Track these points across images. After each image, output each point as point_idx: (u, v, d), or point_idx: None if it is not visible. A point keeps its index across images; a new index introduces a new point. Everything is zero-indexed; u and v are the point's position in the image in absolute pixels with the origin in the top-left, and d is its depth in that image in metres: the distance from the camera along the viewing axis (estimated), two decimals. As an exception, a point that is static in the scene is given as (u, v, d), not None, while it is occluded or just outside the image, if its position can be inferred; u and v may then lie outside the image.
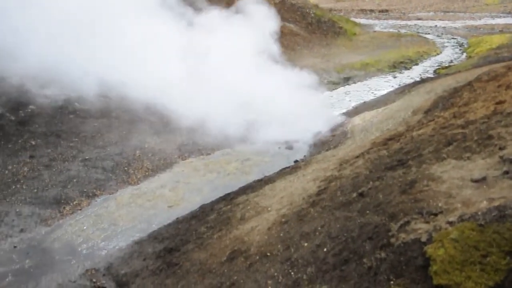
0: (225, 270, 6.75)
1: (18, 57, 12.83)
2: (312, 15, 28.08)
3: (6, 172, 10.55)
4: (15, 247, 8.51)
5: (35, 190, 10.15)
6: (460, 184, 5.94)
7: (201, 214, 9.13)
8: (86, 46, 13.82)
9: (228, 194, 9.89)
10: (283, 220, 7.40)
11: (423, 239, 5.07)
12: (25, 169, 10.77)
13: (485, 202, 5.19)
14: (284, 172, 10.49)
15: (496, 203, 5.02)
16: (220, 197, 9.84)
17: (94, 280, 7.66)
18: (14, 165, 10.80)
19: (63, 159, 11.39)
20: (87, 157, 11.61)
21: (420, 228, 5.31)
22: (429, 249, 4.84)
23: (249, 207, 8.61)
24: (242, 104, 13.82)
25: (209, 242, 7.78)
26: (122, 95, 13.78)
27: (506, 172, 5.77)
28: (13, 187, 10.15)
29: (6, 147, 11.30)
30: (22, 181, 10.38)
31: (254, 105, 13.83)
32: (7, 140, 11.50)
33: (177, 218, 9.27)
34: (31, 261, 8.17)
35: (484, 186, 5.65)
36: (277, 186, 9.37)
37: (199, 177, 11.26)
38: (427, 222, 5.35)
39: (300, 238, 6.60)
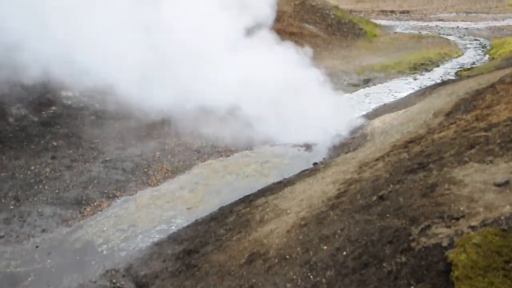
0: (244, 273, 6.76)
1: (40, 58, 13.01)
2: (332, 16, 27.99)
3: (29, 172, 10.73)
4: (37, 247, 8.64)
5: (57, 191, 10.30)
6: (483, 188, 5.86)
7: (220, 216, 9.16)
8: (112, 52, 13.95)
9: (247, 196, 9.89)
10: (302, 223, 7.39)
11: (445, 243, 5.01)
12: (47, 169, 10.95)
13: (508, 206, 5.12)
14: (303, 175, 10.46)
15: (520, 208, 4.95)
16: (239, 199, 9.84)
17: (114, 281, 7.74)
18: (37, 166, 10.98)
19: (84, 160, 11.54)
20: (107, 158, 11.74)
21: (442, 232, 5.25)
22: (451, 254, 4.78)
23: (268, 210, 8.61)
24: (260, 105, 13.80)
25: (228, 244, 7.80)
26: (143, 96, 13.91)
27: (530, 176, 5.69)
28: (36, 187, 10.31)
29: (28, 147, 11.50)
30: (44, 181, 10.55)
31: (272, 106, 13.80)
32: (30, 141, 11.71)
33: (196, 220, 9.30)
34: (52, 261, 8.29)
35: (507, 190, 5.56)
36: (296, 189, 9.35)
37: (218, 179, 11.30)
38: (449, 227, 5.29)
39: (320, 241, 6.59)
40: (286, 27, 22.28)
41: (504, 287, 4.18)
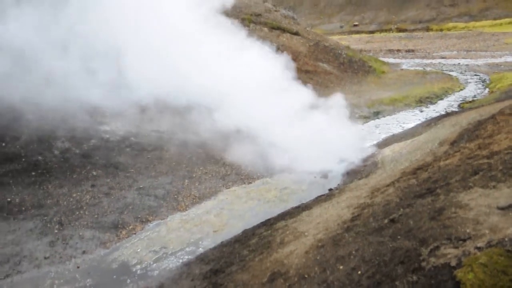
0: (266, 291, 6.73)
1: (81, 96, 13.43)
2: (344, 55, 28.19)
3: (71, 199, 10.91)
4: (78, 267, 8.73)
5: (96, 216, 10.43)
6: (487, 211, 5.80)
7: (244, 238, 9.16)
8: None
9: (268, 220, 9.89)
10: (319, 244, 7.36)
11: (453, 263, 4.95)
12: (87, 197, 11.11)
13: (511, 228, 5.05)
14: (319, 200, 10.44)
15: (522, 230, 4.89)
16: (261, 223, 9.84)
17: (147, 298, 7.78)
18: (78, 193, 11.16)
19: (120, 188, 11.69)
20: (141, 186, 11.87)
21: (450, 253, 5.19)
22: (459, 273, 4.72)
23: (287, 232, 8.59)
24: (281, 136, 13.88)
25: (251, 264, 7.78)
26: (172, 130, 14.14)
27: (532, 200, 5.61)
28: (77, 213, 10.46)
29: (71, 177, 11.72)
30: (84, 207, 10.69)
31: (292, 137, 13.86)
32: (72, 171, 11.93)
33: (221, 242, 9.31)
34: (92, 280, 8.35)
35: (510, 213, 5.50)
36: (313, 213, 9.33)
37: (241, 204, 11.33)
38: (456, 247, 5.23)
39: (336, 261, 6.54)
40: (302, 66, 22.48)
41: (510, 304, 4.11)
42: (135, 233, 9.98)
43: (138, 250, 9.31)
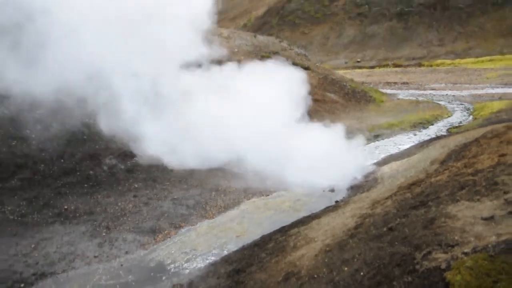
0: (281, 288, 6.72)
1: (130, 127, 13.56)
2: (348, 87, 28.19)
3: (116, 207, 11.08)
4: (121, 265, 8.82)
5: (137, 222, 10.55)
6: (472, 221, 5.74)
7: (262, 242, 9.16)
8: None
9: (283, 227, 9.86)
10: (327, 248, 7.34)
11: (443, 266, 4.91)
12: (130, 205, 11.26)
13: (494, 236, 5.00)
14: (327, 210, 10.40)
15: (503, 238, 4.82)
16: (277, 229, 9.82)
17: (179, 293, 7.80)
18: (122, 202, 11.33)
19: (158, 198, 11.81)
20: (175, 197, 11.98)
21: (440, 257, 5.15)
22: (448, 275, 4.68)
23: (300, 238, 8.58)
24: (292, 155, 13.82)
25: (268, 265, 7.78)
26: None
27: (510, 213, 5.54)
28: (121, 219, 10.60)
29: (117, 189, 11.92)
30: (127, 214, 10.83)
31: (303, 155, 13.79)
32: (118, 184, 12.14)
33: (243, 246, 9.31)
34: (133, 276, 8.42)
35: (493, 223, 5.44)
36: (322, 221, 9.31)
37: (260, 213, 11.31)
38: (446, 253, 5.18)
39: (341, 263, 6.52)
40: (313, 96, 22.58)
41: (493, 302, 4.06)
42: (169, 237, 10.03)
43: (172, 251, 9.36)
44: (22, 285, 8.10)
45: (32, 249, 9.13)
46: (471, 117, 23.81)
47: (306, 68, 27.73)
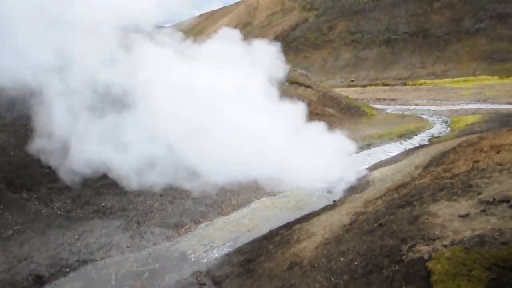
0: (286, 276, 6.75)
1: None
2: (344, 102, 28.14)
3: (146, 205, 11.18)
4: (150, 254, 8.93)
5: (163, 218, 10.64)
6: (451, 218, 5.74)
7: (270, 236, 9.19)
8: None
9: (288, 223, 9.88)
10: (326, 242, 7.36)
11: (425, 257, 4.92)
12: (157, 204, 11.35)
13: (469, 231, 5.01)
14: (326, 208, 10.39)
15: (477, 232, 4.84)
16: (283, 225, 9.84)
17: (198, 279, 7.84)
18: (150, 201, 11.42)
19: (180, 198, 11.86)
20: (195, 197, 11.93)
21: (423, 249, 5.16)
22: (430, 265, 4.70)
23: (302, 232, 8.60)
24: (296, 161, 13.77)
25: (275, 256, 7.81)
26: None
27: (483, 211, 5.54)
28: (150, 215, 10.70)
29: (147, 190, 11.98)
30: (155, 211, 10.93)
31: (305, 162, 13.73)
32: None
33: (253, 239, 9.35)
34: (159, 264, 8.51)
35: (468, 220, 5.44)
36: (321, 218, 9.31)
37: (268, 211, 11.33)
38: (428, 245, 5.20)
39: (338, 254, 6.54)
40: (313, 110, 22.59)
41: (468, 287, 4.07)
42: (190, 231, 10.09)
43: (193, 243, 9.43)
44: (68, 269, 8.25)
45: (76, 240, 9.29)
46: (449, 129, 23.61)
47: (307, 87, 27.83)
